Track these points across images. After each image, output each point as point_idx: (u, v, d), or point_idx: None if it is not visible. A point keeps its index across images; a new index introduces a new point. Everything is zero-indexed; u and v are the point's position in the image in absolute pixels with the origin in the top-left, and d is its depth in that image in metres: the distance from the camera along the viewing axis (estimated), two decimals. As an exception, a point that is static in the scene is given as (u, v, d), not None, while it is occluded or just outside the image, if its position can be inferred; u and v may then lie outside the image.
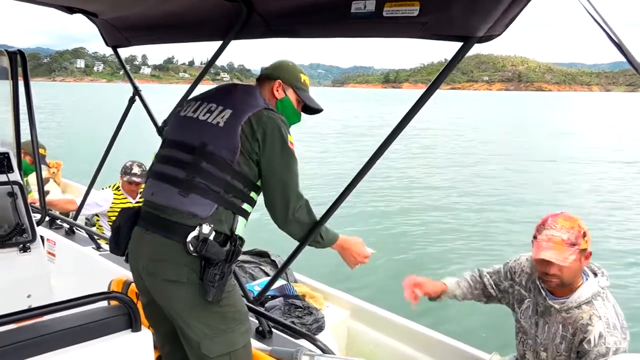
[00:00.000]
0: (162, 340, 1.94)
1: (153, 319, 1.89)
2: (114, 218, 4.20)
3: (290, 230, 1.84)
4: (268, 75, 1.93)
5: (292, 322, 2.63)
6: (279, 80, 1.92)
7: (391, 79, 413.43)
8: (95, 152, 3.75)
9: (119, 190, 4.28)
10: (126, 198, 4.26)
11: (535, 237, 2.00)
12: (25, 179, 3.55)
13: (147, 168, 4.22)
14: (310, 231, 1.86)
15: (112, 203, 4.22)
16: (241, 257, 3.37)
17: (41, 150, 4.34)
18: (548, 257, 1.91)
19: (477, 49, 1.60)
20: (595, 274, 2.04)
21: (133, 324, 1.37)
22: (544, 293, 2.06)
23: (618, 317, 1.94)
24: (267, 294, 2.75)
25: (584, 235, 1.93)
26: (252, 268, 3.22)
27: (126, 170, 4.23)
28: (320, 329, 2.70)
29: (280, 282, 2.92)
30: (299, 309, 2.74)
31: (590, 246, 1.95)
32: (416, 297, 2.23)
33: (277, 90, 1.92)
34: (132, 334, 1.36)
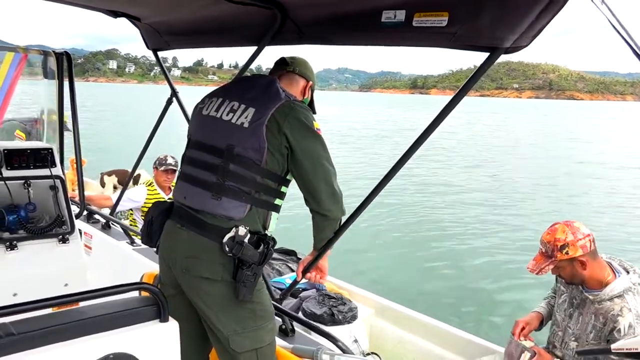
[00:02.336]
0: (182, 333, 2.00)
1: (176, 312, 1.93)
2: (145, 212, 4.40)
3: (334, 215, 1.84)
4: (301, 74, 1.99)
5: (330, 309, 2.72)
6: (311, 83, 2.01)
7: (419, 84, 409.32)
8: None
9: (152, 186, 4.46)
10: (159, 194, 4.43)
11: None
12: None
13: (177, 161, 4.41)
14: (341, 226, 1.91)
15: (146, 199, 4.40)
16: None
17: None
18: (527, 266, 2.24)
19: (507, 56, 1.60)
20: (628, 271, 2.19)
21: (161, 315, 1.40)
22: (580, 287, 2.23)
23: None
24: (299, 287, 2.86)
25: (563, 247, 2.13)
26: (279, 265, 3.39)
27: (161, 162, 4.42)
28: (354, 317, 2.80)
29: (310, 277, 3.02)
30: (333, 299, 2.84)
31: (578, 253, 2.12)
32: (526, 335, 2.40)
33: (307, 91, 2.01)
34: (160, 324, 1.40)
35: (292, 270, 3.33)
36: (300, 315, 2.81)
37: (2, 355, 1.13)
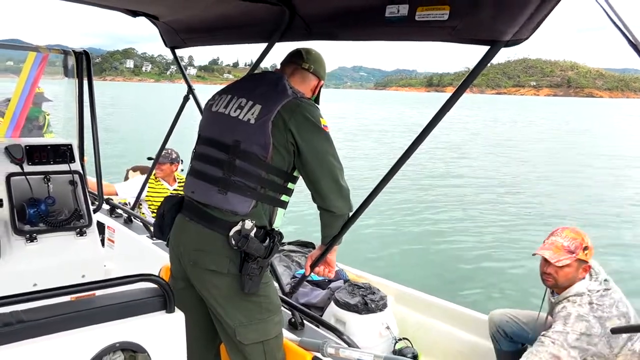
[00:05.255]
0: (191, 325, 2.04)
1: (185, 304, 1.90)
2: (150, 204, 4.54)
3: (341, 211, 1.86)
4: (315, 73, 1.98)
5: (362, 298, 2.82)
6: (322, 82, 2.02)
7: (434, 82, 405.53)
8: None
9: (154, 177, 4.60)
10: (163, 184, 4.58)
11: (544, 241, 2.32)
12: None
13: (171, 152, 4.48)
14: (347, 221, 1.92)
15: (149, 189, 4.54)
16: (288, 247, 3.61)
17: None
18: (542, 254, 2.25)
19: (524, 53, 1.57)
20: (592, 277, 2.27)
21: (168, 306, 1.43)
22: (549, 292, 2.38)
23: (593, 322, 2.12)
24: (324, 278, 2.90)
25: (585, 248, 2.21)
26: (298, 257, 3.49)
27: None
28: (385, 305, 2.87)
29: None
30: (362, 289, 2.91)
31: (589, 259, 2.23)
32: None
33: (317, 89, 2.02)
34: (167, 315, 1.43)
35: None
36: (332, 305, 2.88)
37: (12, 342, 1.17)
